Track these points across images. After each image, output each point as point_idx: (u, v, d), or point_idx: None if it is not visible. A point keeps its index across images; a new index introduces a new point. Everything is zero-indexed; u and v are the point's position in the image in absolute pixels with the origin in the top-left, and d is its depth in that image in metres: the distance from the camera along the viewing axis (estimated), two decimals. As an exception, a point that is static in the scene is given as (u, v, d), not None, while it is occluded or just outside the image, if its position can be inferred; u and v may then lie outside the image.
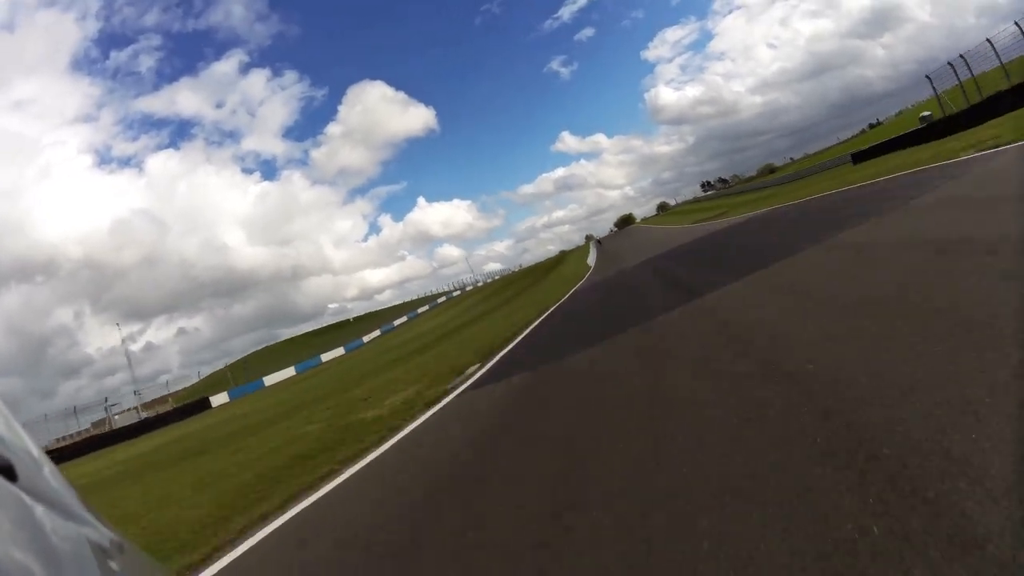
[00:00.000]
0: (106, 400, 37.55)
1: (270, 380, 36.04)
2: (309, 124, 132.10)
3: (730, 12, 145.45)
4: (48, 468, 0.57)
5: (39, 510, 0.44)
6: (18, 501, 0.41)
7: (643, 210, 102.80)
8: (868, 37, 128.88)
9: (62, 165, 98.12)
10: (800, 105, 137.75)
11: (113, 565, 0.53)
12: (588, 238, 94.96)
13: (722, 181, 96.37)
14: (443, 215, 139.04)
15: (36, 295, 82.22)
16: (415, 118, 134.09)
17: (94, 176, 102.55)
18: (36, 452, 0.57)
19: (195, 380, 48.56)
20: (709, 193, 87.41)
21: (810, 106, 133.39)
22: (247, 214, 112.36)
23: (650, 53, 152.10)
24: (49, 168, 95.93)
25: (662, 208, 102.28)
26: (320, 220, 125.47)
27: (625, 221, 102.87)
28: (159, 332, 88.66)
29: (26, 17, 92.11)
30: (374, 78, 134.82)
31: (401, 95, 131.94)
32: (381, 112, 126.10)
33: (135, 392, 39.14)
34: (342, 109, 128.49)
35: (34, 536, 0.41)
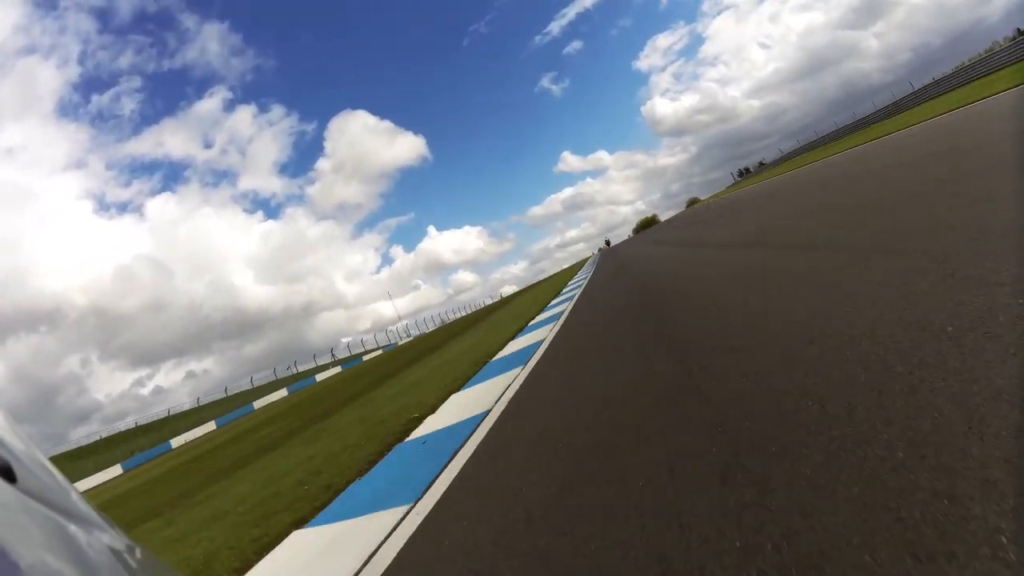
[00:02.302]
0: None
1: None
2: (302, 159, 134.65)
3: (719, 13, 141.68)
4: (48, 470, 0.57)
5: (39, 511, 0.44)
6: (18, 502, 0.42)
7: (670, 213, 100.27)
8: (860, 27, 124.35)
9: (60, 213, 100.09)
10: (799, 104, 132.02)
11: (119, 567, 0.54)
12: (600, 249, 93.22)
13: (763, 164, 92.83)
14: (455, 242, 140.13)
15: (45, 344, 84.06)
16: (405, 147, 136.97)
17: (94, 223, 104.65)
18: (36, 455, 0.57)
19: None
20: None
21: (809, 104, 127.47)
22: (253, 253, 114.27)
23: (642, 63, 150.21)
24: (47, 216, 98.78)
25: (692, 203, 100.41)
26: (329, 255, 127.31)
27: (646, 224, 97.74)
28: (168, 376, 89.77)
29: (8, 64, 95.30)
30: (360, 108, 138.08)
31: (387, 124, 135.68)
32: (368, 143, 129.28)
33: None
34: (327, 143, 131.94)
35: (35, 537, 0.40)
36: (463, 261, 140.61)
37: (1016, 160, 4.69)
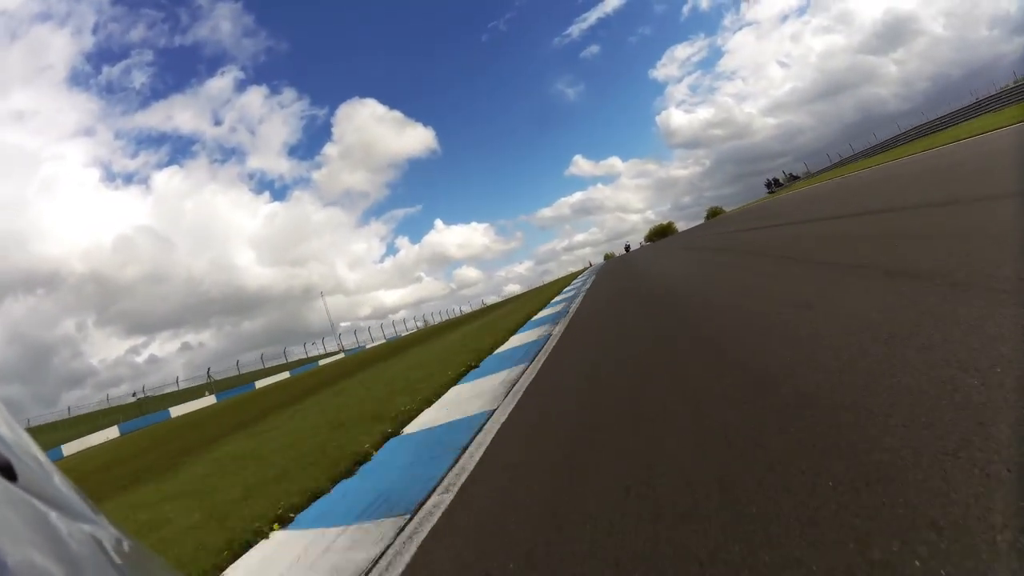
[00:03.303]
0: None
1: None
2: (312, 143, 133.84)
3: (740, 29, 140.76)
4: (49, 468, 0.56)
5: (40, 508, 0.44)
6: (18, 500, 0.42)
7: (686, 224, 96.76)
8: (880, 52, 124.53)
9: (68, 179, 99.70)
10: (815, 126, 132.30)
11: (120, 564, 0.53)
12: (607, 256, 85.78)
13: (792, 177, 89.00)
14: (461, 237, 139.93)
15: (43, 305, 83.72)
16: (414, 139, 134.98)
17: (100, 191, 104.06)
18: (36, 452, 0.56)
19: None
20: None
21: (825, 126, 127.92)
22: (257, 233, 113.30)
23: (659, 72, 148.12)
24: (54, 182, 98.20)
25: (713, 215, 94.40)
26: (334, 241, 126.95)
27: (662, 232, 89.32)
28: (164, 346, 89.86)
29: (24, 30, 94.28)
30: (371, 96, 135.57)
31: (396, 114, 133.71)
32: (376, 132, 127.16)
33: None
34: (335, 129, 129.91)
35: (36, 534, 0.40)
36: (468, 256, 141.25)
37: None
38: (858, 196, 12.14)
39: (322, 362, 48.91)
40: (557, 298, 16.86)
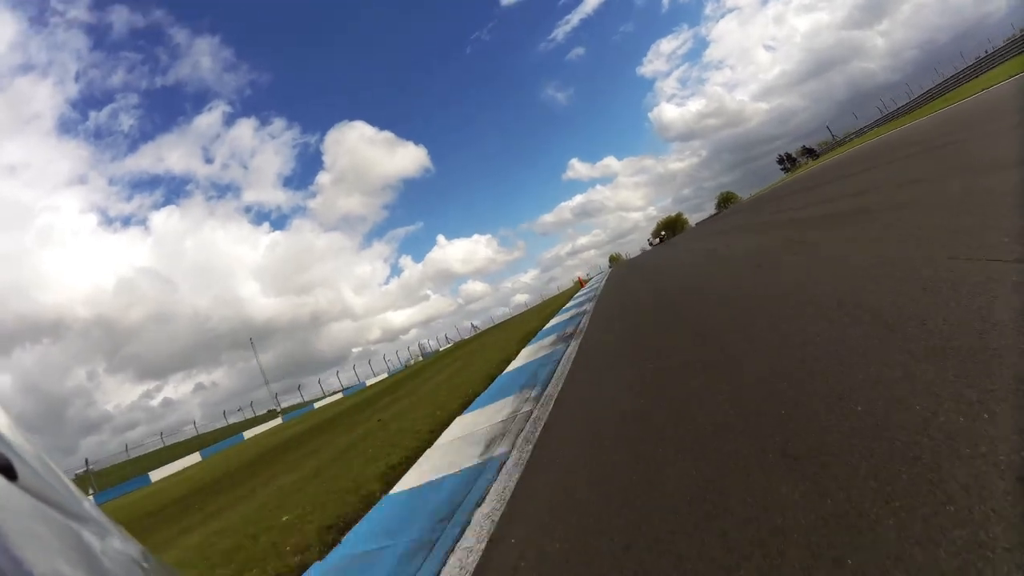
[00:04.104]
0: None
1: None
2: (306, 172, 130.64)
3: (723, 16, 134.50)
4: (50, 469, 0.55)
5: (40, 509, 0.44)
6: (18, 500, 0.42)
7: (697, 215, 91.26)
8: (865, 26, 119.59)
9: (65, 228, 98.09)
10: (808, 106, 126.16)
11: (120, 566, 0.52)
12: (613, 259, 78.19)
13: (808, 151, 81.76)
14: (464, 251, 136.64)
15: (52, 354, 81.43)
16: (406, 158, 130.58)
17: (98, 236, 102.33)
18: (37, 452, 0.56)
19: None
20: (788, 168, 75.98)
21: (818, 106, 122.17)
22: (260, 264, 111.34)
23: (646, 68, 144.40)
24: (52, 232, 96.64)
25: (725, 202, 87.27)
26: (337, 266, 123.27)
27: (670, 225, 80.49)
28: (178, 388, 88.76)
29: (6, 83, 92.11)
30: (359, 118, 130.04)
31: (386, 134, 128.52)
32: (367, 154, 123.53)
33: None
34: (326, 156, 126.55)
35: (35, 535, 0.40)
36: (473, 270, 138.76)
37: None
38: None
39: (318, 404, 44.82)
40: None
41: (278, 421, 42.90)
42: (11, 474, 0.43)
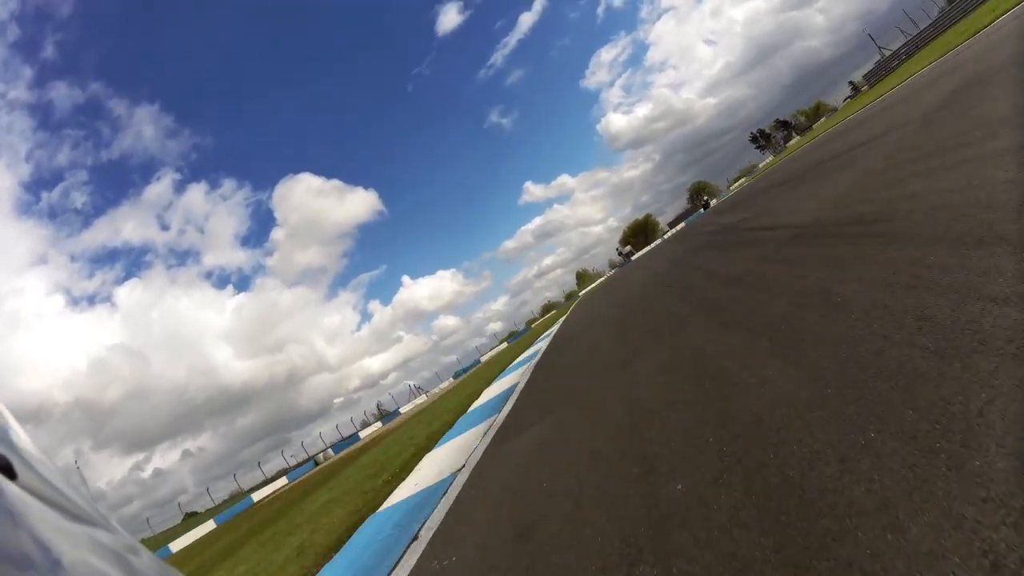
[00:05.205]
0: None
1: None
2: (262, 229, 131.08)
3: (659, 17, 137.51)
4: (51, 469, 0.54)
5: (39, 509, 0.44)
6: (17, 499, 0.41)
7: (662, 218, 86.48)
8: (803, 5, 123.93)
9: (34, 311, 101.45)
10: (755, 95, 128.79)
11: (120, 567, 0.51)
12: (581, 276, 70.87)
13: (783, 124, 76.25)
14: (430, 289, 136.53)
15: (38, 440, 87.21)
16: (357, 204, 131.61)
17: (66, 318, 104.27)
18: (37, 452, 0.55)
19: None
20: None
21: (765, 94, 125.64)
22: (229, 328, 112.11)
23: (589, 80, 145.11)
24: (22, 316, 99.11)
25: (698, 194, 74.80)
26: (306, 320, 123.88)
27: (639, 231, 70.96)
28: (165, 457, 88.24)
29: None
30: (307, 170, 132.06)
31: (334, 183, 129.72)
32: (317, 205, 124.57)
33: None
34: (276, 212, 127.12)
35: (34, 535, 0.39)
36: (442, 306, 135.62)
37: None
38: None
39: (257, 496, 36.97)
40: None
41: (210, 526, 34.92)
42: (11, 473, 0.43)
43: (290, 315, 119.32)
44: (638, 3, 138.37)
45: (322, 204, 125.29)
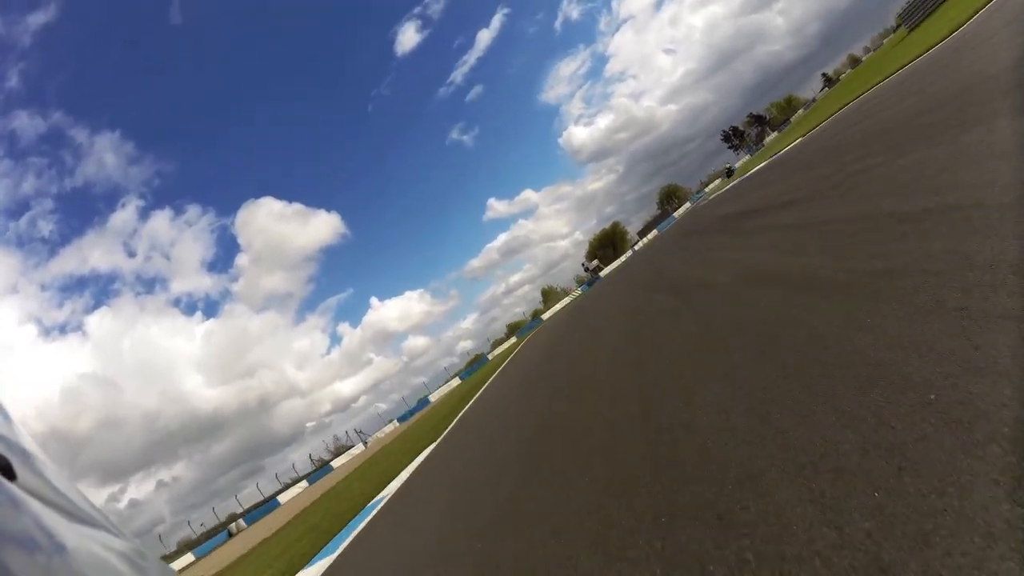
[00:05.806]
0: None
1: None
2: (227, 254, 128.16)
3: (618, 28, 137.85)
4: (51, 469, 0.54)
5: (39, 509, 0.44)
6: (16, 500, 0.41)
7: (633, 224, 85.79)
8: (762, 8, 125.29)
9: (7, 341, 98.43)
10: (717, 100, 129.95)
11: (119, 568, 0.52)
12: (546, 293, 65.14)
13: (756, 119, 73.76)
14: (398, 310, 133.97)
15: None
16: (320, 227, 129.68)
17: (39, 347, 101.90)
18: (37, 452, 0.55)
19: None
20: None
21: (727, 99, 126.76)
22: (199, 355, 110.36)
23: (549, 94, 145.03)
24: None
25: (668, 198, 68.97)
26: (275, 345, 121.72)
27: (607, 242, 63.87)
28: (140, 487, 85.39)
29: None
30: (269, 194, 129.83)
31: (296, 206, 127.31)
32: (280, 230, 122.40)
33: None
34: (240, 238, 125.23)
35: (33, 535, 0.39)
36: (412, 326, 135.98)
37: None
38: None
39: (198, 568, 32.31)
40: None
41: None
42: (10, 474, 0.43)
43: (260, 340, 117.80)
44: (596, 14, 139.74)
45: (285, 228, 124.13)
